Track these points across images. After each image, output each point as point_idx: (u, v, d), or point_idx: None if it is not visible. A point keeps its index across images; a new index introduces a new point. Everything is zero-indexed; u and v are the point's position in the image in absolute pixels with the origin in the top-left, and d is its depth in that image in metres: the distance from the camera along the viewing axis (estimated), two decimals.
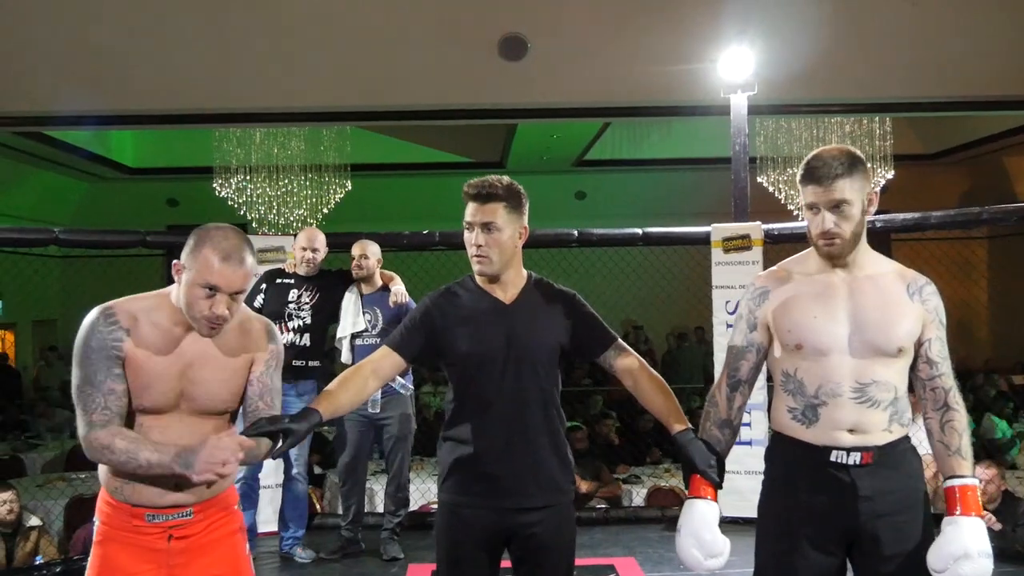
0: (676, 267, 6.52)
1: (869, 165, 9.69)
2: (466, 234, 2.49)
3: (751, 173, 5.80)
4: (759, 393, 5.08)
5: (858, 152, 2.28)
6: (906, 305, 2.27)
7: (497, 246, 2.46)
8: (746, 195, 5.31)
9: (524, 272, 2.56)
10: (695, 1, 6.83)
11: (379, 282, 4.87)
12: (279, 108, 7.53)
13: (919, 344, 2.28)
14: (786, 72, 6.53)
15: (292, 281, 4.80)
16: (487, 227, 2.45)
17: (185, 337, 2.24)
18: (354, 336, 4.78)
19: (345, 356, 4.81)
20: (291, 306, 4.74)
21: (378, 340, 4.65)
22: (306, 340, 4.73)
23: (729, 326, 5.26)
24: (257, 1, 7.14)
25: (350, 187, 10.51)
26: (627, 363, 2.54)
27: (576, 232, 5.45)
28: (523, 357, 2.46)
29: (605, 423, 7.94)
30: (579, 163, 12.66)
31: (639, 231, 5.43)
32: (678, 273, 6.81)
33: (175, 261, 2.24)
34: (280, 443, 2.23)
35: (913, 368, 2.29)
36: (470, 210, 2.48)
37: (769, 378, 2.47)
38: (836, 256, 2.26)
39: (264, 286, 4.80)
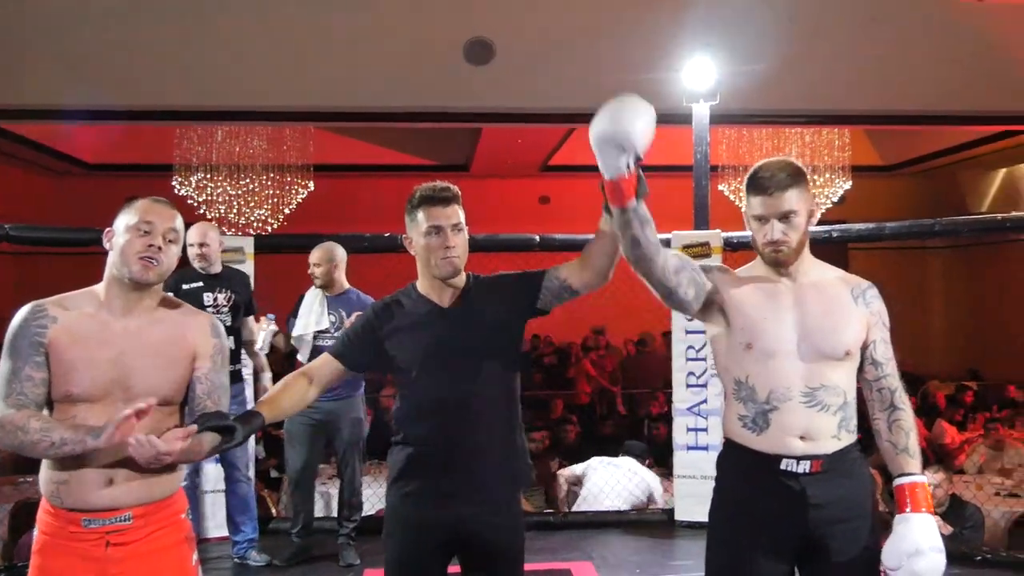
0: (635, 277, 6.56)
1: (828, 175, 9.86)
2: (431, 239, 2.48)
3: (713, 181, 5.86)
4: (716, 398, 5.14)
5: (800, 164, 2.34)
6: (851, 309, 2.32)
7: (464, 246, 2.51)
8: (707, 203, 5.36)
9: (463, 274, 2.57)
10: (659, 11, 6.90)
11: (344, 285, 4.83)
12: (244, 107, 7.47)
13: (864, 346, 2.33)
14: (748, 82, 6.62)
15: (202, 284, 4.56)
16: (457, 228, 2.49)
17: (116, 324, 2.23)
18: (316, 335, 4.73)
19: (303, 355, 4.74)
20: (210, 311, 4.45)
21: None
22: (231, 343, 4.48)
23: (688, 332, 5.30)
24: (227, 3, 7.08)
25: (312, 187, 10.43)
26: (566, 266, 2.52)
27: (538, 237, 5.47)
28: (467, 358, 2.47)
29: (566, 428, 7.96)
30: (544, 168, 12.68)
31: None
32: (640, 279, 6.86)
33: (107, 230, 2.28)
34: (223, 442, 2.21)
35: (859, 370, 2.34)
36: (435, 213, 2.48)
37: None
38: (783, 263, 2.31)
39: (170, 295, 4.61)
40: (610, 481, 5.75)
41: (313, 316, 4.75)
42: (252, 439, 5.30)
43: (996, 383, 10.94)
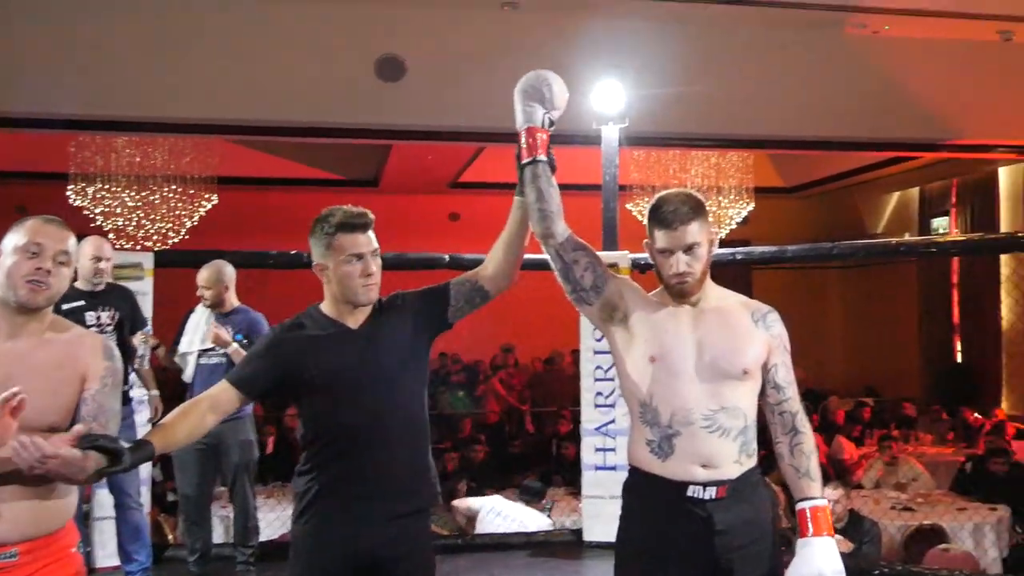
0: (549, 292, 6.58)
1: (732, 196, 10.09)
2: (351, 266, 2.45)
3: (621, 199, 5.93)
4: (624, 418, 5.18)
5: (700, 196, 2.41)
6: (751, 331, 2.37)
7: (380, 270, 2.50)
8: (615, 224, 5.42)
9: None
10: (569, 34, 6.99)
11: (234, 303, 4.70)
12: (146, 118, 7.27)
13: (765, 370, 2.38)
14: (657, 106, 6.74)
15: (84, 303, 4.33)
16: (375, 253, 2.48)
17: (2, 347, 2.14)
18: (200, 353, 4.59)
19: (188, 373, 4.59)
20: (94, 331, 4.26)
21: (225, 359, 4.50)
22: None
23: (597, 351, 5.33)
24: (130, 8, 6.88)
25: (216, 200, 10.18)
26: (473, 271, 2.59)
27: (448, 256, 5.45)
28: (378, 381, 2.44)
29: (474, 447, 7.94)
30: (453, 184, 12.68)
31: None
32: (549, 298, 6.89)
33: None
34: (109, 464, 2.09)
35: (761, 394, 2.38)
36: (355, 240, 2.46)
37: None
38: (688, 294, 2.35)
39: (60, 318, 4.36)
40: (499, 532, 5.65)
41: (199, 334, 4.61)
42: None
43: (892, 400, 11.34)
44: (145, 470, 4.92)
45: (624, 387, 2.41)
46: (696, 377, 2.30)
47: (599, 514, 5.22)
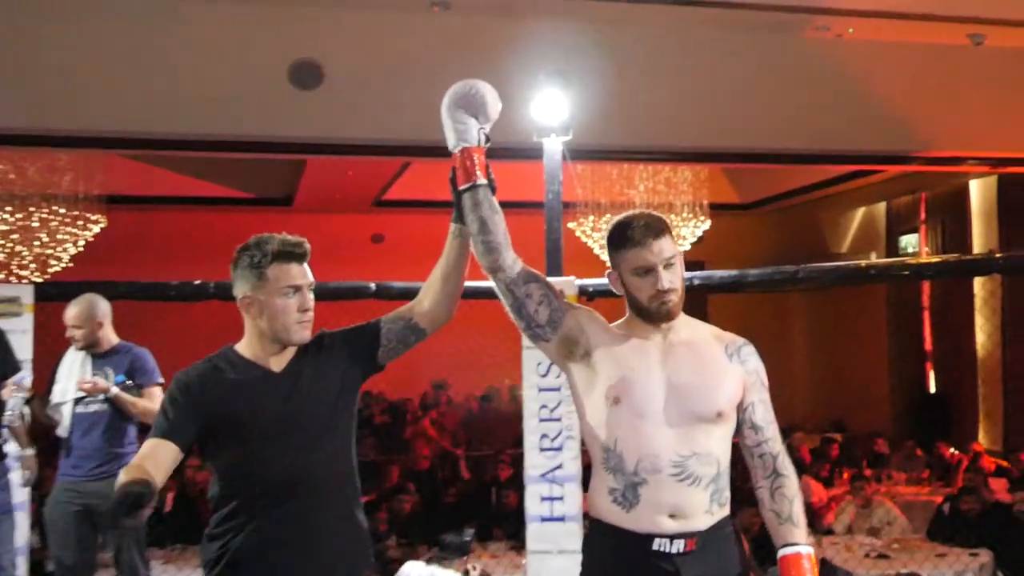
0: (485, 321, 6.56)
1: (685, 213, 10.24)
2: (287, 300, 2.44)
3: (565, 219, 5.97)
4: (572, 463, 5.19)
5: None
6: (724, 367, 2.40)
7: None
8: (560, 247, 5.44)
9: None
10: (507, 37, 7.03)
11: (113, 340, 4.59)
12: (29, 129, 7.11)
13: (742, 409, 2.41)
14: (603, 117, 6.80)
15: None
16: (312, 287, 2.48)
17: None
18: (76, 401, 4.46)
19: (64, 426, 4.46)
20: None
21: (107, 406, 4.40)
22: None
23: (542, 389, 5.33)
24: (5, 8, 6.74)
25: (104, 223, 9.97)
26: (406, 306, 2.62)
27: (374, 284, 5.41)
28: (306, 430, 2.42)
29: (402, 498, 7.85)
30: (377, 203, 12.64)
31: None
32: (487, 328, 6.87)
33: None
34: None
35: (738, 435, 2.41)
36: (293, 272, 2.45)
37: (584, 456, 2.52)
38: (673, 315, 2.38)
39: None
40: None
41: (73, 380, 4.47)
42: (25, 526, 4.96)
43: (862, 434, 11.52)
44: (22, 536, 4.76)
45: (585, 430, 2.42)
46: (665, 420, 2.31)
47: (545, 571, 5.19)
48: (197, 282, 5.29)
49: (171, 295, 5.40)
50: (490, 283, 2.49)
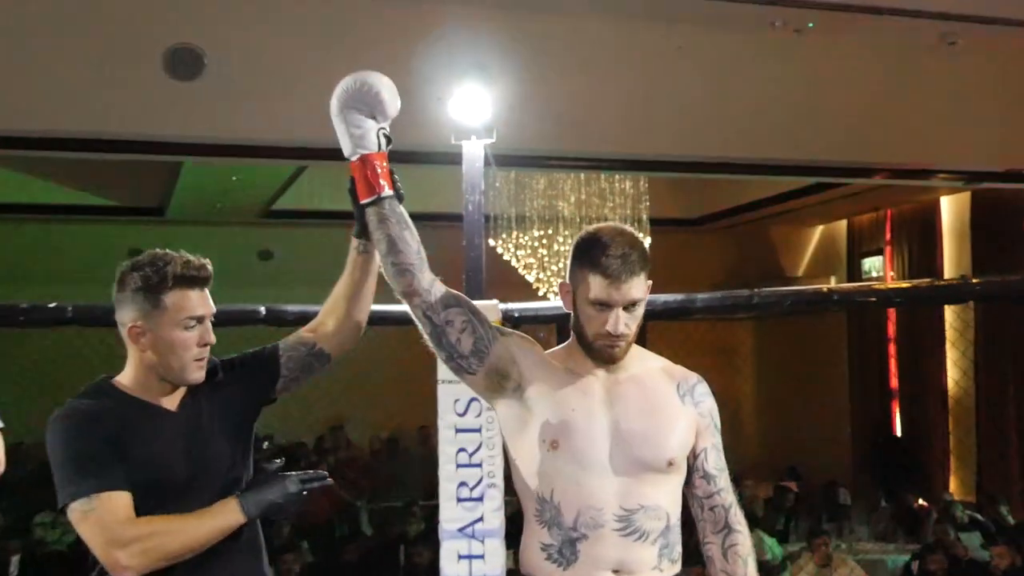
0: (393, 353, 6.54)
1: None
2: (188, 333, 2.42)
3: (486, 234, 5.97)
4: (495, 516, 5.16)
5: (640, 236, 2.51)
6: (676, 410, 2.43)
7: None
8: (480, 265, 5.42)
9: None
10: (420, 24, 7.03)
11: None
12: None
13: (693, 455, 2.43)
14: (532, 118, 6.84)
15: None
16: (213, 317, 2.49)
17: None
18: None
19: None
20: None
21: None
22: None
23: (460, 429, 5.31)
24: None
25: None
26: (306, 329, 2.66)
27: (263, 308, 5.34)
28: (206, 479, 2.41)
29: (290, 557, 7.75)
30: (266, 214, 12.55)
31: None
32: (392, 357, 6.85)
33: None
34: None
35: (688, 484, 2.43)
36: (195, 300, 2.44)
37: (513, 507, 2.53)
38: (616, 359, 2.40)
39: None
40: None
41: None
42: None
43: (819, 482, 11.67)
44: None
45: (515, 477, 2.42)
46: (610, 469, 2.33)
47: None
48: (52, 304, 5.17)
49: (21, 320, 5.27)
50: (397, 307, 2.49)
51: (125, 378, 2.48)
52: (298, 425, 11.41)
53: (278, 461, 2.44)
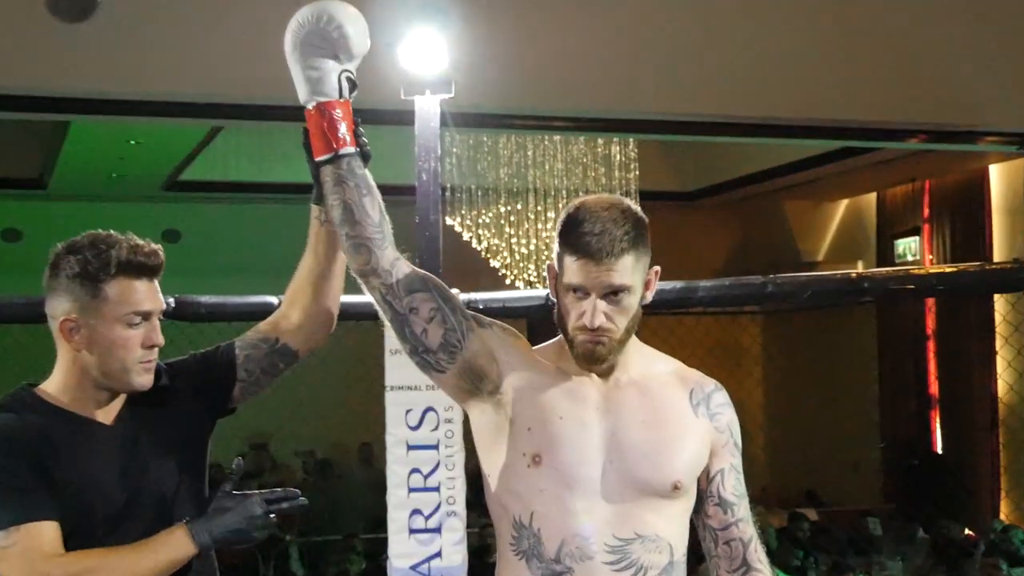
0: (330, 354, 6.51)
1: None
2: (131, 331, 2.43)
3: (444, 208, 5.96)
4: (456, 550, 5.17)
5: (639, 211, 2.39)
6: (687, 422, 2.42)
7: None
8: (438, 248, 5.43)
9: None
10: None
11: None
12: None
13: (707, 478, 2.43)
14: (498, 68, 6.82)
15: None
16: (162, 314, 2.51)
17: None
18: None
19: None
20: None
21: None
22: None
23: (413, 446, 5.31)
24: None
25: None
26: (266, 323, 2.68)
27: (172, 299, 5.32)
28: (149, 504, 2.43)
29: None
30: (171, 187, 12.51)
31: (273, 299, 5.37)
32: (332, 364, 6.83)
33: None
34: None
35: (699, 512, 2.43)
36: (141, 292, 2.44)
37: (479, 540, 2.53)
38: (598, 360, 2.36)
39: None
40: None
41: None
42: None
43: (844, 509, 11.72)
44: None
45: (490, 498, 2.41)
46: (601, 491, 2.32)
47: None
48: None
49: None
50: (354, 298, 2.48)
51: (52, 386, 2.47)
52: (213, 443, 11.37)
53: (239, 460, 2.45)
